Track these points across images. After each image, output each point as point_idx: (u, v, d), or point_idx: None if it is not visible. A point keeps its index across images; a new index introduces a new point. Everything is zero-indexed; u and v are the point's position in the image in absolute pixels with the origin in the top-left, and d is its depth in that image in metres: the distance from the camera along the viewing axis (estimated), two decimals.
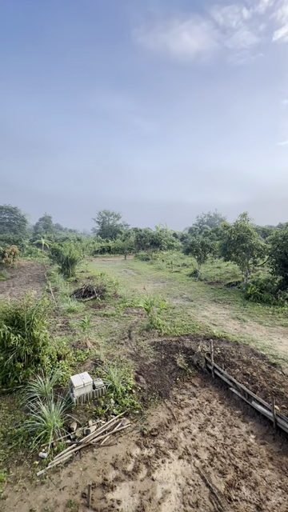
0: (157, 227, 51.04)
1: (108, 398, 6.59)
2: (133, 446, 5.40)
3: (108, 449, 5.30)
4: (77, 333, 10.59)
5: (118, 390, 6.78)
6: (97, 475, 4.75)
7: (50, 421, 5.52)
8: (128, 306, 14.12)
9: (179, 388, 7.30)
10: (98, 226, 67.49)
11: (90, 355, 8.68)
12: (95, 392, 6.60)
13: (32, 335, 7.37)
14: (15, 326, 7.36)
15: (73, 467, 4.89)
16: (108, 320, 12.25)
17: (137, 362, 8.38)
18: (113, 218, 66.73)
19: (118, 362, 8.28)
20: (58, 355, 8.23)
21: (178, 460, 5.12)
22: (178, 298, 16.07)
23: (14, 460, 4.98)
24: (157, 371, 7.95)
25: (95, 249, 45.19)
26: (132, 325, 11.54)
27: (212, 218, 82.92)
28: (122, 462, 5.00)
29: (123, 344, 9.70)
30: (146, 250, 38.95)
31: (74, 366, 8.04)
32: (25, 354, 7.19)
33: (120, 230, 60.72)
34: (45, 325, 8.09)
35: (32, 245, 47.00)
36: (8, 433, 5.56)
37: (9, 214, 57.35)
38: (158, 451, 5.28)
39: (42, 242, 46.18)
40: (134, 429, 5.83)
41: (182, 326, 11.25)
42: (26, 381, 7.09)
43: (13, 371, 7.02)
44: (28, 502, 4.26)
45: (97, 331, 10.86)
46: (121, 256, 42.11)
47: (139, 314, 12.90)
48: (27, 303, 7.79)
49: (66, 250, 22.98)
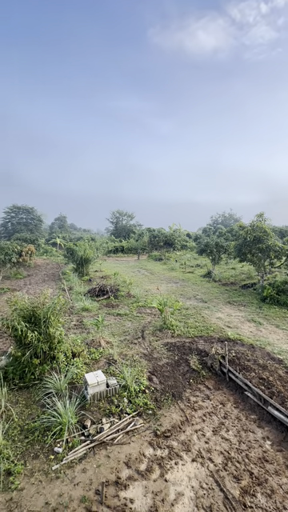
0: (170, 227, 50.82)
1: (121, 397, 6.64)
2: (146, 445, 5.41)
3: (121, 447, 5.34)
4: (91, 331, 10.75)
5: (132, 389, 6.81)
6: (110, 473, 4.79)
7: (65, 417, 5.64)
8: (141, 306, 14.15)
9: (192, 390, 7.23)
10: (111, 226, 68.13)
11: (103, 354, 8.78)
12: (109, 390, 6.67)
13: (48, 332, 7.55)
14: (32, 323, 7.57)
15: (87, 464, 4.97)
16: (121, 319, 12.34)
17: (150, 362, 8.38)
18: (126, 218, 67.13)
19: (132, 362, 8.32)
20: (72, 353, 8.39)
21: (191, 462, 5.08)
22: (191, 298, 15.92)
23: (31, 453, 5.12)
24: (170, 372, 7.91)
25: (109, 248, 45.64)
26: (145, 325, 11.56)
27: (227, 218, 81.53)
28: (135, 462, 5.02)
29: (136, 344, 9.73)
30: (160, 250, 38.87)
31: (88, 364, 8.16)
32: (41, 351, 7.38)
33: (133, 229, 60.97)
34: (60, 323, 8.26)
35: (48, 244, 48.16)
36: (25, 427, 5.73)
37: (26, 214, 59.01)
38: (171, 452, 5.26)
39: (58, 241, 47.20)
40: (147, 429, 5.84)
41: (195, 327, 11.14)
42: (41, 377, 7.28)
43: (29, 367, 7.23)
44: (44, 495, 4.37)
45: (110, 330, 10.96)
46: (134, 256, 42.28)
47: (152, 314, 12.90)
48: (43, 301, 7.99)
49: (80, 249, 23.36)
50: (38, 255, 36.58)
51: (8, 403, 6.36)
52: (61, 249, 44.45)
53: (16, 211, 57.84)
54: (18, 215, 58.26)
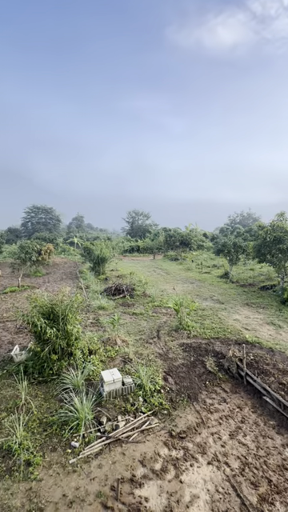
0: (186, 227, 50.28)
1: (136, 396, 6.68)
2: (161, 445, 5.41)
3: (136, 446, 5.37)
4: (107, 329, 10.89)
5: (147, 388, 6.83)
6: (125, 470, 4.84)
7: (82, 412, 5.75)
8: (157, 306, 14.14)
9: (208, 392, 7.13)
10: (127, 226, 68.55)
11: (119, 352, 8.87)
12: (124, 389, 6.73)
13: (66, 329, 7.74)
14: (51, 319, 7.79)
15: (102, 460, 5.04)
16: (137, 319, 12.40)
17: (165, 362, 8.36)
18: (142, 218, 67.27)
19: (147, 361, 8.34)
20: (89, 350, 8.54)
21: (206, 465, 5.01)
22: (207, 299, 15.68)
23: (49, 446, 5.28)
24: (185, 373, 7.85)
25: (124, 248, 45.99)
26: (161, 325, 11.54)
27: (245, 218, 79.43)
28: (150, 461, 5.03)
29: (152, 343, 9.74)
30: (175, 250, 38.62)
31: (104, 362, 8.27)
32: (59, 347, 7.58)
33: (149, 229, 61.00)
34: (77, 320, 8.44)
35: (65, 243, 49.35)
36: (43, 420, 5.91)
37: (45, 214, 60.83)
38: (187, 454, 5.22)
39: (75, 240, 48.22)
40: (162, 429, 5.83)
41: (212, 328, 10.97)
42: (59, 372, 7.47)
43: (48, 362, 7.45)
44: (61, 487, 4.49)
45: (126, 329, 11.05)
46: (149, 255, 42.31)
47: (168, 314, 12.85)
48: (62, 299, 8.19)
49: (97, 248, 23.73)
50: (57, 254, 37.57)
51: (28, 396, 6.59)
52: (78, 248, 45.39)
53: (36, 211, 59.78)
54: (38, 215, 60.18)
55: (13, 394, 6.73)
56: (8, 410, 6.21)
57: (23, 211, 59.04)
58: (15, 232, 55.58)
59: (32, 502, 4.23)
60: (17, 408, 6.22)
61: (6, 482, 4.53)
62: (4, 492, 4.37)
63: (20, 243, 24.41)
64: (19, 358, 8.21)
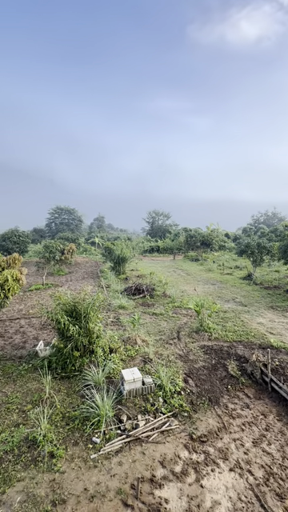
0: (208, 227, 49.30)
1: (157, 396, 6.66)
2: (181, 448, 5.35)
3: (156, 446, 5.36)
4: (127, 329, 10.98)
5: (167, 389, 6.79)
6: (145, 470, 4.85)
7: (103, 409, 5.85)
8: (177, 307, 14.02)
9: (230, 396, 6.93)
10: (147, 226, 68.69)
11: (139, 352, 8.91)
12: (144, 388, 6.74)
13: (88, 327, 7.92)
14: (73, 317, 8.01)
15: (123, 457, 5.09)
16: (157, 319, 12.38)
17: (186, 364, 8.26)
18: (162, 218, 67.06)
19: (167, 362, 8.29)
20: (110, 348, 8.67)
21: (228, 472, 4.87)
22: (229, 301, 15.27)
23: (71, 440, 5.43)
24: (207, 376, 7.69)
25: (144, 248, 46.12)
26: (181, 326, 11.42)
27: (269, 218, 76.31)
28: (170, 462, 5.00)
29: (172, 344, 9.67)
30: (196, 251, 38.03)
31: (124, 361, 8.35)
32: (81, 344, 7.77)
33: (169, 229, 60.66)
34: (99, 318, 8.60)
35: (87, 243, 50.54)
36: (66, 414, 6.09)
37: (68, 215, 62.72)
38: (208, 458, 5.12)
39: (96, 240, 49.23)
40: (183, 431, 5.76)
41: (234, 331, 10.66)
42: (81, 369, 7.67)
43: (71, 359, 7.67)
44: (83, 481, 4.60)
45: (146, 329, 11.07)
46: (169, 256, 42.07)
47: (188, 316, 12.69)
48: (84, 297, 8.40)
49: (117, 248, 24.03)
50: (78, 254, 38.59)
51: (52, 390, 6.84)
52: (99, 248, 46.28)
53: (59, 212, 61.83)
54: (61, 216, 62.19)
55: (37, 388, 7.01)
56: (33, 402, 6.48)
57: (47, 212, 61.33)
58: (40, 232, 57.88)
59: (55, 493, 4.38)
60: (41, 401, 6.48)
61: (32, 472, 4.73)
62: (30, 481, 4.57)
63: (44, 243, 25.38)
64: (43, 353, 8.54)
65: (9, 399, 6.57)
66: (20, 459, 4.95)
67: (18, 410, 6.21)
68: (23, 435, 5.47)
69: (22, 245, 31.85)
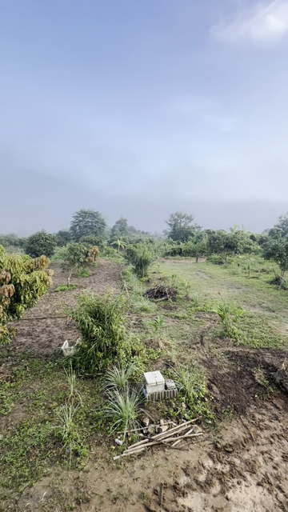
0: (232, 229, 47.93)
1: (179, 401, 6.55)
2: (205, 456, 5.19)
3: (179, 453, 5.26)
4: (149, 331, 10.96)
5: (190, 395, 6.65)
6: (168, 476, 4.77)
7: (125, 411, 5.87)
8: (200, 311, 13.74)
9: (257, 406, 6.61)
10: (169, 228, 68.37)
11: (161, 355, 8.84)
12: (167, 392, 6.66)
13: (111, 329, 8.02)
14: (97, 318, 8.16)
15: (145, 461, 5.06)
16: (179, 322, 12.21)
17: (209, 370, 8.04)
18: (185, 220, 66.41)
19: (190, 367, 8.13)
20: (132, 350, 8.70)
21: (256, 486, 4.64)
22: (256, 306, 14.65)
23: (94, 440, 5.51)
24: (232, 383, 7.42)
25: (166, 250, 45.90)
26: (204, 330, 11.16)
27: None
28: (194, 471, 4.87)
29: (195, 349, 9.48)
30: (220, 253, 37.09)
31: (147, 364, 8.33)
32: (104, 345, 7.89)
33: (192, 232, 59.88)
34: (122, 320, 8.68)
35: (109, 246, 51.47)
36: (90, 414, 6.20)
37: (91, 218, 64.45)
38: (233, 470, 4.91)
39: (118, 243, 49.94)
40: (207, 439, 5.60)
41: (261, 337, 10.19)
42: (104, 369, 7.77)
43: (94, 359, 7.81)
44: (106, 482, 4.63)
45: (168, 332, 10.97)
46: (192, 258, 41.45)
47: (212, 320, 12.37)
48: (107, 299, 8.53)
49: (139, 251, 24.17)
50: (101, 256, 39.39)
51: (76, 389, 7.00)
52: (121, 250, 46.90)
53: (83, 215, 63.73)
54: (85, 219, 64.06)
55: (62, 386, 7.22)
56: (58, 400, 6.68)
57: (72, 215, 63.51)
58: (65, 235, 60.04)
59: (79, 491, 4.45)
60: (66, 399, 6.66)
61: (57, 468, 4.86)
62: (55, 477, 4.69)
63: (69, 245, 26.25)
64: (68, 353, 8.79)
65: (36, 395, 6.84)
66: (46, 455, 5.11)
67: (45, 407, 6.43)
68: (49, 431, 5.65)
69: (48, 247, 33.22)
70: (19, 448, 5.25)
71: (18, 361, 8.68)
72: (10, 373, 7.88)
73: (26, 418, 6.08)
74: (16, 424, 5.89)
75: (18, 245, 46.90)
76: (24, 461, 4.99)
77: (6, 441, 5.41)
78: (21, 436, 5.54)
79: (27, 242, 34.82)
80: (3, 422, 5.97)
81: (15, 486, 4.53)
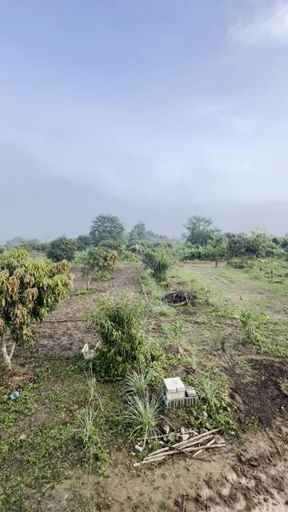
0: (253, 232, 46.49)
1: (200, 410, 6.37)
2: (228, 469, 4.98)
3: (201, 463, 5.09)
4: (168, 336, 10.83)
5: (212, 403, 6.44)
6: (189, 487, 4.62)
7: (145, 418, 5.80)
8: (221, 316, 13.38)
9: (284, 419, 6.26)
10: (187, 232, 67.72)
11: (181, 361, 8.68)
12: (187, 400, 6.51)
13: (130, 333, 8.02)
14: (116, 322, 8.20)
15: (166, 470, 4.95)
16: (199, 328, 11.96)
17: (231, 378, 7.76)
18: (203, 224, 65.51)
19: (211, 374, 7.90)
20: (151, 356, 8.64)
21: (284, 505, 4.36)
22: (280, 312, 14.00)
23: (115, 445, 5.49)
24: (256, 393, 7.10)
25: (185, 255, 45.42)
26: (225, 336, 10.83)
27: None
28: (217, 483, 4.68)
29: (216, 355, 9.21)
30: (240, 257, 36.06)
31: (166, 369, 8.21)
32: (124, 350, 7.89)
33: (211, 235, 58.87)
34: (141, 325, 8.65)
35: (128, 250, 51.89)
36: (110, 418, 6.20)
37: (110, 223, 65.48)
38: (259, 486, 4.66)
39: (137, 247, 50.23)
40: (230, 451, 5.37)
41: (286, 345, 9.70)
42: (123, 374, 7.76)
43: (113, 363, 7.83)
44: (126, 489, 4.58)
45: (188, 338, 10.77)
46: (211, 262, 40.66)
47: (233, 326, 11.99)
48: (126, 303, 8.56)
49: (158, 255, 24.12)
50: (120, 260, 39.78)
51: (96, 393, 7.05)
52: (139, 254, 47.07)
53: (102, 220, 64.92)
54: (104, 224, 65.20)
55: (83, 389, 7.30)
56: (79, 403, 6.75)
57: (91, 220, 64.92)
58: (84, 240, 61.44)
59: (100, 497, 4.44)
60: (86, 402, 6.72)
61: (78, 471, 4.89)
62: (76, 480, 4.72)
63: (89, 250, 26.83)
64: (88, 356, 8.89)
65: (57, 397, 6.97)
66: (67, 457, 5.17)
67: (66, 409, 6.53)
68: (70, 434, 5.71)
69: (69, 252, 34.18)
70: (42, 449, 5.35)
71: (41, 362, 8.93)
72: (33, 374, 8.11)
73: (48, 419, 6.21)
74: (39, 425, 6.02)
75: (41, 249, 48.73)
76: (46, 462, 5.08)
77: (29, 441, 5.55)
78: (43, 437, 5.65)
79: (49, 247, 36.06)
80: (27, 422, 6.14)
81: (38, 486, 4.61)
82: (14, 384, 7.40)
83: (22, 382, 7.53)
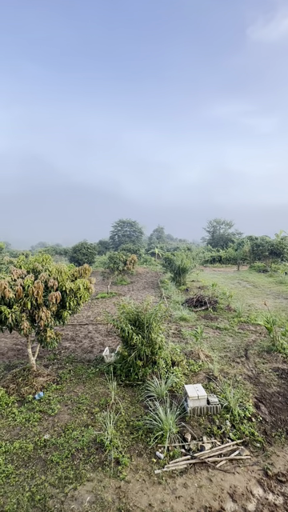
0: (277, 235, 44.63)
1: (223, 419, 6.17)
2: (254, 483, 4.76)
3: (225, 475, 4.91)
4: (189, 342, 10.66)
5: (235, 413, 6.21)
6: (213, 499, 4.47)
7: (166, 424, 5.72)
8: (243, 322, 12.93)
9: None
10: (207, 236, 66.56)
11: (202, 367, 8.49)
12: (209, 408, 6.34)
13: (150, 337, 8.00)
14: (136, 326, 8.22)
15: (188, 480, 4.83)
16: (221, 334, 11.65)
17: (256, 387, 7.45)
18: (224, 227, 64.06)
19: (234, 382, 7.64)
20: (172, 361, 8.54)
21: None
22: None
23: (135, 450, 5.46)
24: (283, 404, 6.75)
25: (205, 258, 44.62)
26: (249, 343, 10.44)
27: None
28: (242, 498, 4.49)
29: (239, 363, 8.90)
30: (264, 261, 34.75)
31: (187, 376, 8.07)
32: (144, 354, 7.88)
33: (232, 238, 57.36)
34: (161, 329, 8.60)
35: (147, 254, 52.03)
36: (130, 422, 6.19)
37: (129, 227, 66.17)
38: None
39: (156, 251, 50.23)
40: (255, 464, 5.14)
41: None
42: (144, 378, 7.74)
43: (134, 367, 7.84)
44: (147, 496, 4.53)
45: (209, 344, 10.53)
46: (233, 266, 39.55)
47: (257, 333, 11.53)
48: (146, 307, 8.57)
49: (177, 259, 23.92)
50: (139, 264, 39.95)
51: (117, 397, 7.09)
52: (159, 258, 46.99)
53: (121, 225, 65.81)
54: (123, 228, 66.03)
55: (104, 392, 7.38)
56: (100, 405, 6.83)
57: (111, 225, 66.04)
58: (105, 244, 62.58)
59: (121, 502, 4.43)
60: (107, 405, 6.77)
61: (99, 474, 4.93)
62: (98, 483, 4.76)
63: (109, 254, 27.28)
64: (109, 359, 8.99)
65: (79, 399, 7.10)
66: (89, 459, 5.23)
67: (87, 412, 6.63)
68: (92, 436, 5.78)
69: (89, 256, 34.99)
70: (65, 449, 5.47)
71: (63, 364, 9.16)
72: (56, 375, 8.34)
73: (70, 420, 6.34)
74: (61, 425, 6.16)
75: (63, 254, 50.31)
76: (69, 463, 5.18)
77: (52, 441, 5.70)
78: (66, 438, 5.77)
79: (70, 252, 37.17)
80: (50, 422, 6.31)
81: (61, 486, 4.71)
82: (39, 384, 7.65)
83: (45, 383, 7.78)
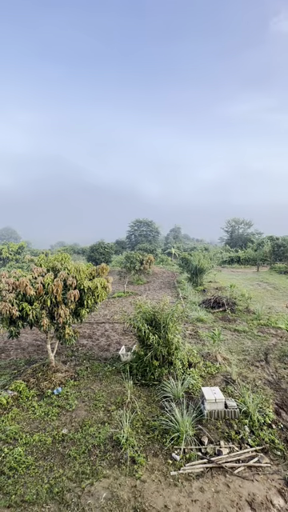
0: None
1: (242, 424, 6.00)
2: (274, 492, 4.59)
3: (243, 482, 4.77)
4: (206, 344, 10.48)
5: (254, 418, 6.02)
6: (230, 506, 4.36)
7: (183, 426, 5.66)
8: (263, 325, 12.51)
9: None
10: (225, 236, 65.15)
11: (220, 370, 8.32)
12: (227, 412, 6.19)
13: (167, 338, 7.95)
14: (153, 326, 8.20)
15: (204, 484, 4.75)
16: (239, 336, 11.35)
17: (277, 393, 7.18)
18: (243, 227, 62.40)
19: (253, 387, 7.41)
20: (188, 362, 8.44)
21: None
22: None
23: (151, 450, 5.45)
24: None
25: (223, 259, 43.68)
26: (269, 347, 10.09)
27: None
28: (261, 507, 4.34)
29: (258, 367, 8.62)
30: (285, 262, 33.42)
31: (204, 378, 7.94)
32: (160, 354, 7.85)
33: (251, 238, 55.71)
34: (178, 330, 8.53)
35: (164, 254, 51.80)
36: (146, 422, 6.19)
37: (146, 227, 66.24)
38: None
39: (172, 251, 49.87)
40: (275, 472, 4.95)
41: None
42: (160, 379, 7.71)
43: (150, 367, 7.84)
44: (163, 497, 4.51)
45: (227, 346, 10.29)
46: (252, 267, 38.40)
47: (278, 336, 11.11)
48: (163, 307, 8.52)
49: (194, 259, 23.59)
50: (155, 264, 39.87)
51: (133, 396, 7.11)
52: (175, 258, 46.63)
53: (138, 225, 66.04)
54: (140, 228, 66.22)
55: (120, 390, 7.43)
56: (116, 403, 6.89)
57: (128, 225, 66.46)
58: (121, 244, 63.11)
59: (137, 501, 4.44)
60: (123, 404, 6.82)
61: (115, 472, 4.97)
62: (114, 480, 4.80)
63: (126, 254, 27.49)
64: (125, 358, 9.04)
65: (96, 396, 7.20)
66: (106, 456, 5.29)
67: (104, 409, 6.71)
68: (108, 434, 5.85)
69: (106, 255, 35.45)
70: (82, 445, 5.57)
71: (81, 361, 9.35)
72: (74, 372, 8.53)
73: (87, 416, 6.45)
74: (79, 421, 6.29)
75: (81, 253, 51.38)
76: (86, 458, 5.27)
77: (70, 436, 5.83)
78: (83, 433, 5.88)
79: (88, 251, 37.87)
80: (68, 417, 6.46)
81: (78, 481, 4.80)
82: (57, 380, 7.86)
83: (64, 379, 7.97)
